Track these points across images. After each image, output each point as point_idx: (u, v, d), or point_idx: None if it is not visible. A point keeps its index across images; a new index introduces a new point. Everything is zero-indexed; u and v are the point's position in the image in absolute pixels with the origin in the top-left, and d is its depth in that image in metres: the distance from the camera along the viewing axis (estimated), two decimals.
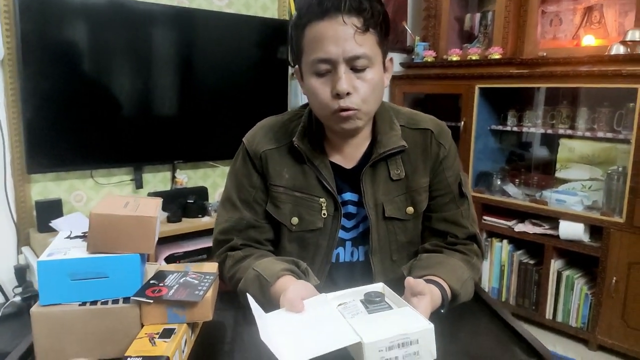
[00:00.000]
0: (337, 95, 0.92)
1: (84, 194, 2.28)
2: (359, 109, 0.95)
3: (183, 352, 0.77)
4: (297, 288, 0.85)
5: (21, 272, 2.04)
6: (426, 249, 1.07)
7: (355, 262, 1.09)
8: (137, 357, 0.69)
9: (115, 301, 0.79)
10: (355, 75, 0.93)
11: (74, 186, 2.25)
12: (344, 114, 0.94)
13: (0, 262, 2.08)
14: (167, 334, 0.75)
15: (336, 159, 1.06)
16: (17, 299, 1.98)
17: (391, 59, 1.03)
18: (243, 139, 1.10)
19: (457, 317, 0.92)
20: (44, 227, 2.03)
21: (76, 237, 0.87)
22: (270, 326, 0.76)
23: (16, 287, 2.03)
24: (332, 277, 1.08)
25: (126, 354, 0.70)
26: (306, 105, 1.09)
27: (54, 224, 1.96)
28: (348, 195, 1.06)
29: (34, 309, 0.77)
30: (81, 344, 0.78)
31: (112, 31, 2.18)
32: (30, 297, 1.97)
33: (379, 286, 0.84)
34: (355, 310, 0.77)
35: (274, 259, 1.02)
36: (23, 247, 2.10)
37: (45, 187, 2.17)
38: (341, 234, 1.07)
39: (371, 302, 0.79)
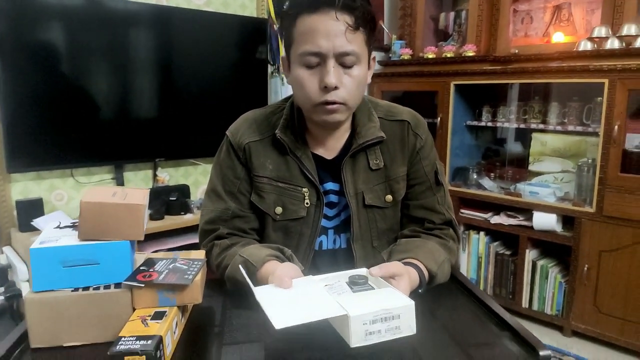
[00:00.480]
0: (325, 88, 0.95)
1: (65, 193, 2.28)
2: (344, 103, 0.98)
3: (174, 333, 0.80)
4: (286, 267, 0.90)
5: (3, 272, 2.03)
6: (405, 235, 1.12)
7: (338, 249, 1.13)
8: (131, 337, 0.72)
9: (107, 286, 0.81)
10: (343, 71, 0.96)
11: (54, 185, 2.25)
12: (329, 107, 0.97)
13: None
14: (158, 316, 0.78)
15: (317, 150, 1.09)
16: (0, 298, 1.97)
17: (374, 57, 1.07)
18: (227, 132, 1.13)
19: (436, 296, 0.97)
20: (25, 226, 2.02)
21: (66, 227, 0.90)
22: (262, 294, 0.80)
23: None
24: (315, 264, 1.12)
25: (120, 334, 0.73)
26: (288, 98, 1.13)
27: (36, 222, 1.96)
28: (329, 185, 1.10)
29: (27, 295, 0.79)
30: (74, 329, 0.80)
31: (91, 30, 2.18)
32: (13, 297, 1.96)
33: (362, 270, 0.89)
34: (340, 290, 0.82)
35: (260, 245, 1.06)
36: (4, 247, 2.10)
37: (25, 186, 2.16)
38: (324, 222, 1.11)
39: (355, 284, 0.83)
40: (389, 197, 1.10)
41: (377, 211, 1.10)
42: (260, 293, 0.80)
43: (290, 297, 0.80)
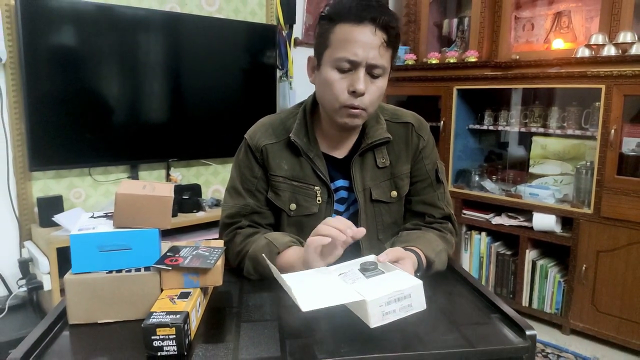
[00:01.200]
0: (354, 93, 1.05)
1: (83, 191, 2.38)
2: (366, 109, 1.08)
3: (198, 311, 0.89)
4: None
5: (25, 265, 2.13)
6: (406, 228, 1.21)
7: None
8: (162, 312, 0.81)
9: (138, 269, 0.90)
10: (370, 80, 1.06)
11: (73, 183, 2.35)
12: (354, 111, 1.07)
13: (4, 256, 2.17)
14: (184, 296, 0.87)
15: (329, 150, 1.19)
16: (22, 290, 2.07)
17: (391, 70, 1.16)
18: (245, 135, 1.22)
19: (434, 283, 1.06)
20: (46, 222, 2.12)
21: (99, 216, 0.99)
22: (288, 278, 0.88)
23: (20, 279, 2.12)
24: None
25: (152, 310, 0.82)
26: (301, 104, 1.23)
27: (57, 218, 2.05)
28: (340, 182, 1.20)
29: (67, 277, 0.88)
30: (108, 307, 0.89)
31: (108, 36, 2.29)
32: (34, 289, 2.06)
33: (371, 257, 0.98)
34: (354, 277, 0.90)
35: (283, 233, 1.16)
36: (25, 241, 2.19)
37: (45, 184, 2.27)
38: (334, 217, 1.20)
39: (367, 270, 0.92)
40: (394, 193, 1.20)
41: (383, 206, 1.20)
42: (287, 277, 0.88)
43: (312, 283, 0.88)
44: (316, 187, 1.17)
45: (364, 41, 1.02)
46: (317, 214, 1.17)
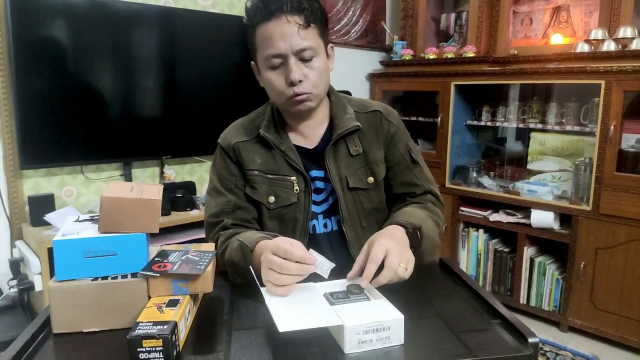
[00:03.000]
0: (291, 84, 1.08)
1: (75, 189, 2.34)
2: (311, 92, 1.11)
3: (187, 320, 0.85)
4: (285, 238, 0.98)
5: (15, 266, 2.09)
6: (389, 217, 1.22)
7: (330, 232, 1.23)
8: (148, 322, 0.77)
9: (124, 276, 0.87)
10: (304, 65, 1.09)
11: (64, 182, 2.31)
12: (298, 98, 1.10)
13: None
14: (172, 303, 0.84)
15: (299, 141, 1.21)
16: (12, 291, 2.03)
17: (332, 47, 1.19)
18: (218, 140, 1.25)
19: (433, 287, 1.04)
20: (37, 221, 2.08)
21: (85, 220, 0.95)
22: (269, 296, 0.87)
23: (11, 279, 2.09)
24: (312, 247, 1.19)
25: (138, 320, 0.78)
26: (269, 102, 1.25)
27: (48, 217, 2.01)
28: (315, 173, 1.21)
29: (51, 284, 0.85)
30: (94, 315, 0.86)
31: (100, 31, 2.24)
32: (25, 290, 2.02)
33: (357, 280, 0.95)
34: (338, 298, 0.88)
35: (257, 231, 1.15)
36: (16, 241, 2.16)
37: (36, 182, 2.23)
38: (313, 207, 1.21)
39: (352, 293, 0.90)
40: (371, 179, 1.22)
41: (362, 193, 1.21)
42: (269, 294, 0.87)
43: (294, 302, 0.87)
44: (292, 178, 1.18)
45: (280, 33, 1.06)
46: (296, 204, 1.19)
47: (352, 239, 1.19)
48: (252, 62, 1.19)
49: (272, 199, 1.18)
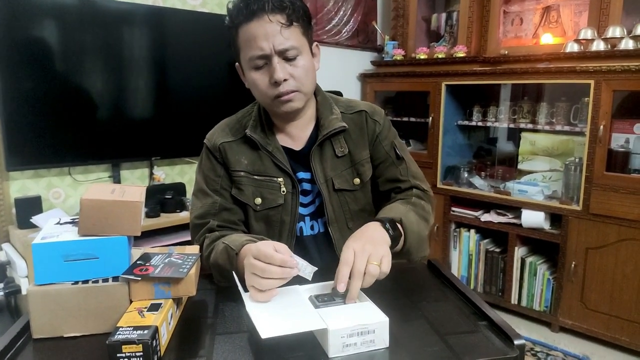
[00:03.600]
0: (275, 83, 1.06)
1: (62, 191, 2.32)
2: (298, 91, 1.09)
3: (170, 324, 0.84)
4: (268, 241, 0.95)
5: (2, 269, 2.06)
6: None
7: (317, 234, 1.22)
8: (129, 327, 0.76)
9: (105, 280, 0.85)
10: (288, 64, 1.07)
11: (52, 183, 2.28)
12: (284, 97, 1.08)
13: None
14: (154, 307, 0.83)
15: (286, 142, 1.19)
16: None
17: (317, 45, 1.17)
18: (204, 140, 1.23)
19: (420, 289, 1.03)
20: (24, 223, 2.06)
21: (66, 222, 0.94)
22: (250, 302, 0.86)
23: None
24: (298, 251, 1.18)
25: (118, 325, 0.77)
26: (255, 102, 1.23)
27: (35, 220, 1.99)
28: (301, 174, 1.19)
29: (30, 288, 0.83)
30: (75, 320, 0.84)
31: (88, 31, 2.22)
32: (12, 293, 1.99)
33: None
34: (322, 300, 0.87)
35: (243, 234, 1.13)
36: (3, 243, 2.13)
37: (23, 184, 2.20)
38: (300, 209, 1.19)
39: (337, 295, 0.88)
40: (357, 180, 1.20)
41: (348, 194, 1.20)
42: (250, 300, 0.86)
43: (277, 307, 0.85)
44: (279, 179, 1.17)
45: (263, 33, 1.04)
46: (283, 205, 1.17)
47: (338, 241, 1.18)
48: (237, 63, 1.17)
49: (258, 200, 1.17)
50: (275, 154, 1.16)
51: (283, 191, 1.16)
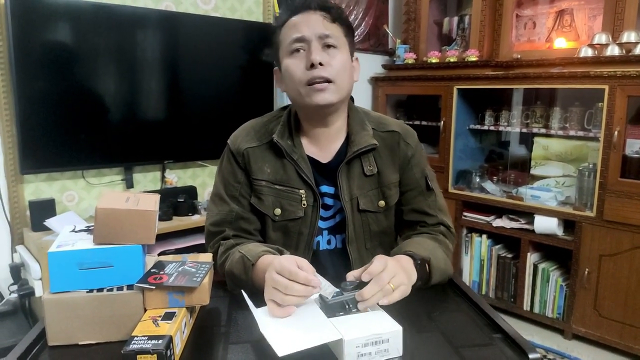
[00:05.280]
0: (312, 66, 1.04)
1: (76, 194, 2.34)
2: (333, 81, 1.05)
3: (183, 333, 0.84)
4: (290, 256, 0.93)
5: (16, 271, 2.09)
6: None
7: (334, 249, 1.20)
8: (143, 336, 0.77)
9: (120, 288, 0.86)
10: (326, 52, 1.06)
11: (65, 186, 2.30)
12: (318, 85, 1.04)
13: None
14: (168, 316, 0.83)
15: (313, 153, 1.16)
16: (13, 296, 2.03)
17: (357, 59, 1.16)
18: (228, 141, 1.20)
19: (433, 300, 1.02)
20: (38, 226, 2.08)
21: (80, 230, 0.94)
22: (262, 318, 0.85)
23: (11, 285, 2.08)
24: (314, 264, 1.17)
25: (133, 334, 0.77)
26: (285, 107, 1.21)
27: (49, 222, 2.01)
28: (325, 188, 1.17)
29: (46, 296, 0.84)
30: (89, 328, 0.85)
31: (102, 35, 2.24)
32: (26, 295, 2.02)
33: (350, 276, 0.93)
34: (334, 309, 0.86)
35: (260, 244, 1.12)
36: (17, 245, 2.15)
37: (37, 187, 2.22)
38: (319, 223, 1.17)
39: (346, 290, 0.88)
40: (382, 203, 1.17)
41: (371, 215, 1.17)
42: (261, 316, 0.85)
43: (289, 320, 0.85)
44: (301, 191, 1.13)
45: (306, 21, 1.06)
46: (303, 218, 1.14)
47: (355, 260, 1.15)
48: (275, 67, 1.16)
49: (278, 211, 1.14)
50: (300, 163, 1.12)
51: (304, 204, 1.13)
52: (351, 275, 0.92)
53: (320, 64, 1.03)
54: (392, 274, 0.89)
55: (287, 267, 0.86)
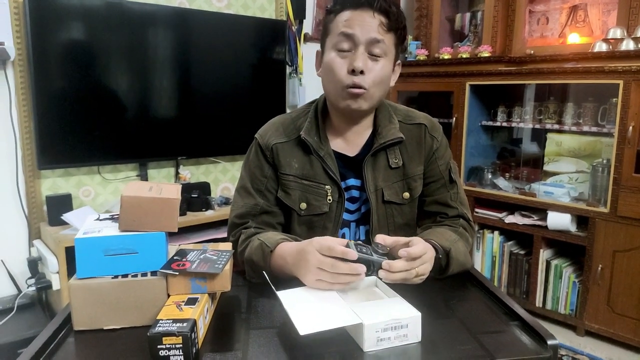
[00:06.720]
0: (353, 72, 1.05)
1: (92, 189, 2.37)
2: (368, 90, 1.07)
3: (206, 318, 0.86)
4: (326, 237, 0.94)
5: (34, 264, 2.12)
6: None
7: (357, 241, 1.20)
8: (168, 319, 0.78)
9: (144, 274, 0.88)
10: (370, 61, 1.06)
11: (82, 182, 2.34)
12: (354, 90, 1.06)
13: (13, 255, 2.16)
14: (191, 302, 0.85)
15: (340, 147, 1.18)
16: (31, 290, 2.06)
17: (399, 63, 1.16)
18: (256, 135, 1.21)
19: (450, 288, 1.03)
20: (55, 220, 2.11)
21: (105, 219, 0.96)
22: (286, 299, 0.87)
23: (29, 278, 2.11)
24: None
25: (158, 317, 0.79)
26: (312, 102, 1.22)
27: (66, 217, 2.04)
28: (351, 181, 1.18)
29: (72, 282, 0.86)
30: (114, 313, 0.86)
31: (117, 33, 2.27)
32: (43, 288, 2.05)
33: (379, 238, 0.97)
34: (361, 251, 0.89)
35: (279, 232, 1.14)
36: (34, 240, 2.19)
37: (54, 182, 2.26)
38: (346, 215, 1.19)
39: (378, 248, 0.91)
40: (407, 194, 1.18)
41: (395, 207, 1.18)
42: (285, 297, 0.87)
43: (312, 303, 0.87)
44: (327, 186, 1.15)
45: (362, 21, 1.05)
46: (327, 213, 1.16)
47: None
48: (319, 49, 1.16)
49: (303, 205, 1.16)
50: (327, 159, 1.14)
51: (329, 200, 1.15)
52: (381, 238, 0.94)
53: (362, 72, 1.05)
54: (424, 261, 0.92)
55: (325, 244, 0.88)
